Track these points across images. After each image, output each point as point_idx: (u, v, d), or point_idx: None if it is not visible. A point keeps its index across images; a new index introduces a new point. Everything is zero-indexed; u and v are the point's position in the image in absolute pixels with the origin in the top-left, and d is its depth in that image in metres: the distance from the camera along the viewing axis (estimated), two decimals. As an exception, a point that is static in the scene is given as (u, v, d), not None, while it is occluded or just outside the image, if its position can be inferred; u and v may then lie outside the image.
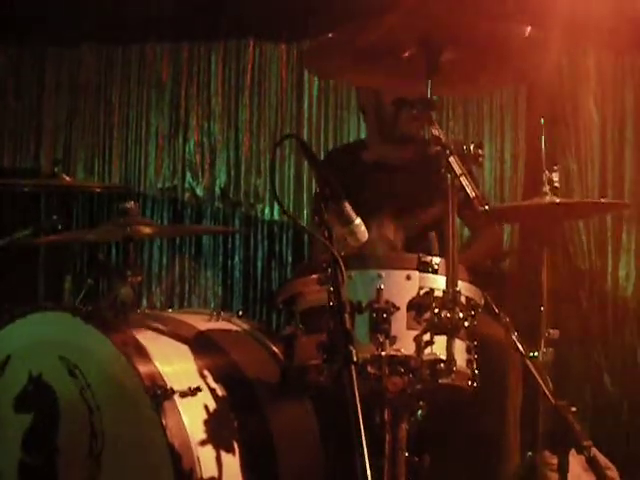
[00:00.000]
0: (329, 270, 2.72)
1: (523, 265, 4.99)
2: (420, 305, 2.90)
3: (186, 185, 5.73)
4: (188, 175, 5.73)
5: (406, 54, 2.96)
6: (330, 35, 2.91)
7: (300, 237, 5.56)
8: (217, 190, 5.70)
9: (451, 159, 2.76)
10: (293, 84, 5.67)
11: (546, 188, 3.20)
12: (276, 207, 5.62)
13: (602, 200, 3.90)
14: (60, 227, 4.14)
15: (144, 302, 5.42)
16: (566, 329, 3.33)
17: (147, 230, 3.72)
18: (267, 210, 5.65)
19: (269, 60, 5.70)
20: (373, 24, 2.88)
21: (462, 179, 2.73)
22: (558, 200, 3.19)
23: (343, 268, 2.69)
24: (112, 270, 4.30)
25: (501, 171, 5.37)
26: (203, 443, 3.11)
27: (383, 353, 2.82)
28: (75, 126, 5.86)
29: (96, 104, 5.86)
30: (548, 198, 3.20)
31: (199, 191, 5.72)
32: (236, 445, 3.19)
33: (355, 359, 2.52)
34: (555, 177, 3.22)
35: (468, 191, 2.72)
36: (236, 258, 5.64)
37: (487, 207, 2.76)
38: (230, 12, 5.61)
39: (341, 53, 3.00)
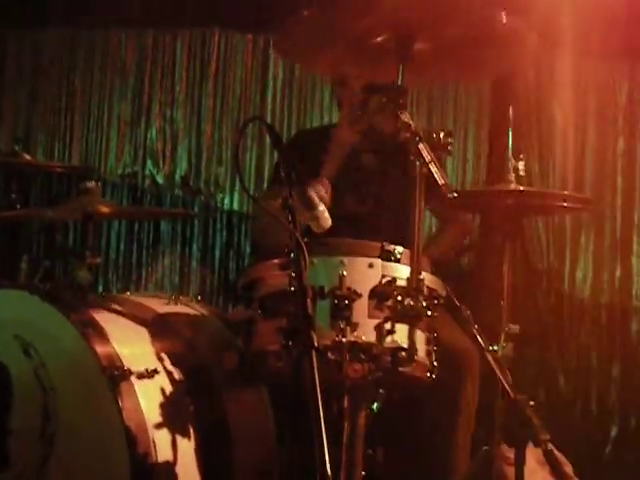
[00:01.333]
0: (291, 255, 2.70)
1: (483, 260, 5.00)
2: (382, 294, 2.87)
3: (146, 172, 5.69)
4: (149, 162, 5.69)
5: (378, 39, 2.95)
6: (304, 13, 2.89)
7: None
8: (177, 178, 5.67)
9: (420, 146, 2.75)
10: (258, 74, 5.64)
11: (511, 176, 3.21)
12: (236, 197, 5.60)
13: (566, 193, 3.90)
14: (18, 206, 4.10)
15: (100, 288, 5.37)
16: (522, 327, 3.33)
17: (106, 209, 3.67)
18: (227, 200, 5.63)
19: (234, 49, 5.67)
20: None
21: (431, 166, 2.72)
22: (522, 188, 3.20)
23: (306, 253, 2.67)
24: (69, 252, 4.25)
25: (463, 170, 5.39)
26: (159, 426, 3.07)
27: (344, 339, 2.79)
28: (36, 109, 5.80)
29: (58, 88, 5.80)
30: (513, 185, 3.21)
31: (159, 178, 5.69)
32: (192, 429, 3.16)
33: (316, 344, 2.50)
34: (520, 165, 3.22)
35: (437, 178, 2.71)
36: (194, 246, 5.61)
37: (455, 194, 2.75)
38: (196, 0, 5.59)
39: (311, 37, 2.98)
